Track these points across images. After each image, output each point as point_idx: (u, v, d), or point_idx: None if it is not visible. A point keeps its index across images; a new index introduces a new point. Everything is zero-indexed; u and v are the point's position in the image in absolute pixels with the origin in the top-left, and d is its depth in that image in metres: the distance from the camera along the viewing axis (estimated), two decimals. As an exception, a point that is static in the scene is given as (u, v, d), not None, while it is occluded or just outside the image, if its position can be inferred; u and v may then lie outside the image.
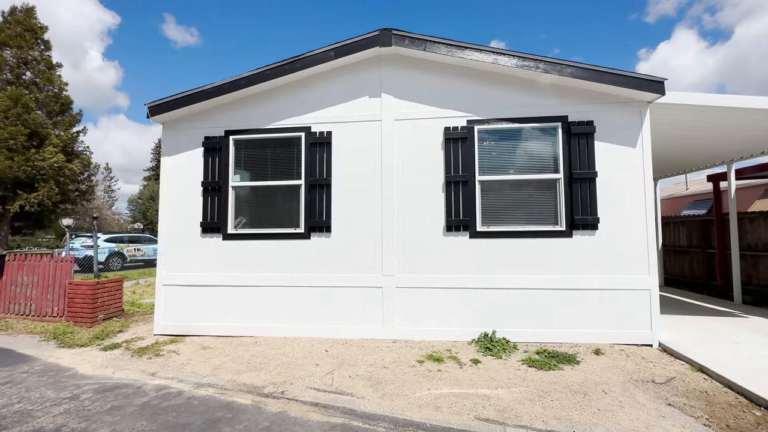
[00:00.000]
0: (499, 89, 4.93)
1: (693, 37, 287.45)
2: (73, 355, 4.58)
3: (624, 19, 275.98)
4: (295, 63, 4.99)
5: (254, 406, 3.17)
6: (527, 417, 2.92)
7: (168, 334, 5.23)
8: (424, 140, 5.01)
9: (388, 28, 4.84)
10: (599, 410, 3.01)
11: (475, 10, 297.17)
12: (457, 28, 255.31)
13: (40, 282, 6.20)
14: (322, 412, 3.05)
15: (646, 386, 3.45)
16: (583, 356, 4.21)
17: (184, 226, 5.33)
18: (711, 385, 3.46)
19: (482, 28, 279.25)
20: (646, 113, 4.66)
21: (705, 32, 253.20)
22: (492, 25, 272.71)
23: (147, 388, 3.57)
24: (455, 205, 4.87)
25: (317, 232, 5.10)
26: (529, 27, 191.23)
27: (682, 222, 9.04)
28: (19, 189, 18.54)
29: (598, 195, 4.69)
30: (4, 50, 19.42)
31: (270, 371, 3.93)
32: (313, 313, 5.03)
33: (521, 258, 4.76)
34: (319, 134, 5.15)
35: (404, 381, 3.62)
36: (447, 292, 4.85)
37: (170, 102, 5.19)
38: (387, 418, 2.93)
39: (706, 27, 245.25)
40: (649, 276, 4.56)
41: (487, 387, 3.45)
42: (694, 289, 8.43)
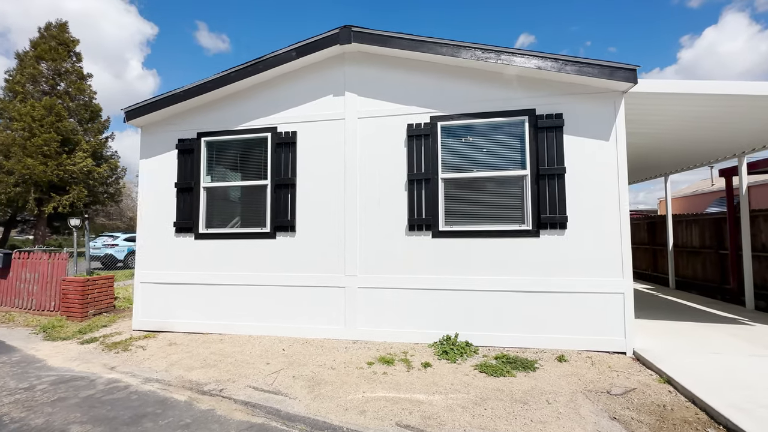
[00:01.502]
0: (464, 83, 4.75)
1: (744, 21, 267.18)
2: (52, 347, 4.85)
3: (665, 3, 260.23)
4: (258, 65, 5.03)
5: (186, 403, 3.22)
6: (450, 426, 2.78)
7: (144, 330, 5.44)
8: (387, 138, 4.91)
9: (348, 26, 4.78)
10: (531, 422, 2.82)
11: (504, 8, 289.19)
12: (487, 21, 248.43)
13: (40, 278, 6.63)
14: (247, 412, 3.05)
15: (597, 397, 3.21)
16: (544, 363, 3.98)
17: (160, 226, 5.51)
18: (673, 399, 3.17)
19: (512, 21, 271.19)
20: (620, 104, 4.34)
21: (758, 15, 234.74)
22: (522, 19, 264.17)
23: (99, 381, 3.72)
24: (417, 204, 4.75)
25: (282, 231, 5.13)
26: (561, 18, 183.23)
27: (694, 220, 8.38)
28: (53, 192, 19.94)
29: (567, 192, 4.41)
30: (41, 63, 20.96)
31: (220, 369, 3.98)
32: (278, 312, 5.07)
33: (486, 258, 4.57)
34: (285, 134, 5.17)
35: (344, 383, 3.56)
36: (409, 293, 4.74)
37: (144, 106, 5.38)
38: (307, 420, 2.89)
39: (759, 9, 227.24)
40: (623, 278, 4.25)
41: (425, 392, 3.33)
42: (707, 292, 7.79)
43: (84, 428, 2.81)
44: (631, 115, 4.98)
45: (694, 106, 4.61)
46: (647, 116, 5.06)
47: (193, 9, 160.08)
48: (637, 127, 5.51)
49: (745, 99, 4.28)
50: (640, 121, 5.29)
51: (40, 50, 20.85)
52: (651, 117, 5.11)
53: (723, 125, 5.33)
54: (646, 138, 6.12)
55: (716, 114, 4.89)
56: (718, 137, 5.97)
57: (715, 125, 5.36)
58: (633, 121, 5.28)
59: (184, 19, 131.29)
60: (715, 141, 6.21)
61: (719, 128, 5.47)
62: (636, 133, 5.84)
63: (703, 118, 5.10)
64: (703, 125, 5.39)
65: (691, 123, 5.31)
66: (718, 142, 6.31)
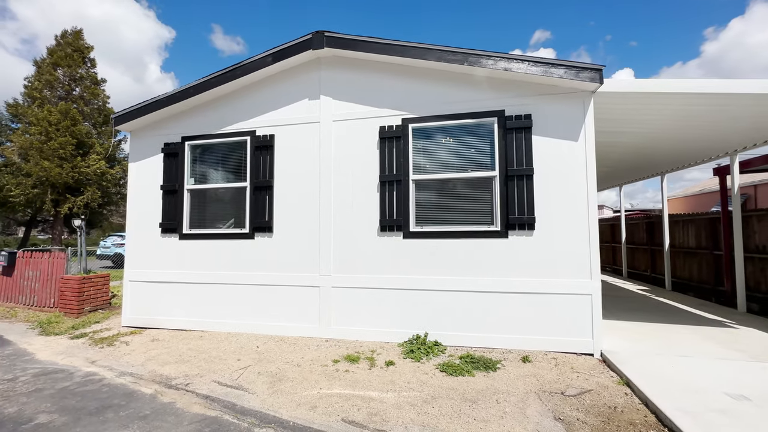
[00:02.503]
0: (435, 85, 4.80)
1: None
2: (45, 342, 5.12)
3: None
4: (236, 70, 5.19)
5: (151, 396, 3.38)
6: (393, 422, 2.86)
7: (132, 326, 5.68)
8: (360, 140, 5.00)
9: (321, 31, 4.89)
10: (474, 420, 2.87)
11: (518, 2, 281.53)
12: (500, 18, 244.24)
13: (41, 276, 6.98)
14: (205, 405, 3.19)
15: (550, 398, 3.22)
16: (508, 363, 4.00)
17: (147, 227, 5.74)
18: (627, 401, 3.17)
19: (527, 18, 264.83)
20: (589, 104, 4.31)
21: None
22: (537, 15, 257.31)
23: (78, 374, 3.93)
24: (389, 206, 4.82)
25: (260, 232, 5.27)
26: (578, 13, 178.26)
27: (690, 220, 8.18)
28: (68, 193, 20.76)
29: (535, 193, 4.41)
30: (57, 70, 21.83)
31: (193, 364, 4.15)
32: (256, 310, 5.22)
33: (456, 259, 4.61)
34: (263, 137, 5.32)
35: (305, 379, 3.67)
36: (382, 293, 4.82)
37: (131, 112, 5.61)
38: (258, 415, 3.01)
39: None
40: (591, 280, 4.23)
41: (380, 390, 3.41)
42: (702, 294, 7.61)
43: (50, 417, 3.00)
44: (614, 115, 4.94)
45: (679, 105, 4.52)
46: (637, 115, 4.97)
47: (209, 12, 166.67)
48: (626, 126, 5.44)
49: (734, 97, 4.17)
50: (630, 120, 5.20)
51: (56, 57, 21.70)
52: (642, 116, 5.01)
53: (713, 124, 5.21)
54: (638, 137, 6.02)
55: (704, 112, 4.77)
56: (709, 136, 5.84)
57: (704, 124, 5.24)
58: (615, 120, 5.23)
59: (199, 22, 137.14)
60: (707, 140, 6.07)
61: (710, 127, 5.35)
62: (626, 132, 5.76)
63: (692, 117, 4.99)
64: (692, 124, 5.27)
65: (682, 122, 5.20)
66: (709, 141, 6.16)
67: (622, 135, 6.01)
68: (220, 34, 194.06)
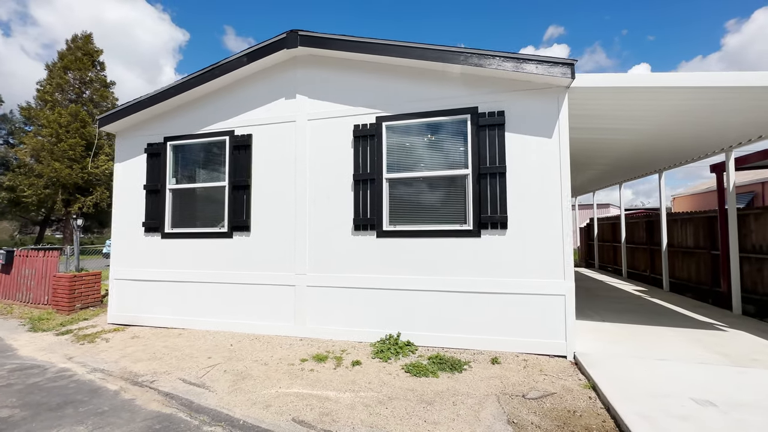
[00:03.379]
0: (409, 83, 4.74)
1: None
2: (30, 338, 5.26)
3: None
4: (215, 70, 5.23)
5: (114, 393, 3.43)
6: (343, 422, 2.83)
7: (117, 323, 5.78)
8: (335, 139, 4.98)
9: (295, 30, 4.88)
10: (424, 422, 2.83)
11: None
12: (518, 11, 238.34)
13: (36, 274, 7.17)
14: (163, 403, 3.22)
15: (509, 401, 3.15)
16: (476, 364, 3.93)
17: (131, 226, 5.84)
18: (588, 405, 3.08)
19: (539, 13, 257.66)
20: (563, 100, 4.20)
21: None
22: (550, 9, 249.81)
23: (51, 370, 4.02)
24: (363, 205, 4.79)
25: (239, 231, 5.31)
26: (593, 7, 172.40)
27: (688, 219, 7.92)
28: (78, 193, 21.36)
29: (508, 191, 4.32)
30: (68, 73, 22.46)
31: (164, 361, 4.20)
32: (234, 309, 5.25)
33: (429, 258, 4.55)
34: (241, 137, 5.34)
35: (268, 378, 3.67)
36: (356, 292, 4.79)
37: (114, 113, 5.72)
38: (212, 413, 3.02)
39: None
40: (564, 280, 4.12)
41: (338, 390, 3.39)
42: (699, 296, 7.37)
43: (12, 412, 3.07)
44: (603, 111, 4.82)
45: (664, 100, 4.35)
46: (627, 111, 4.80)
47: (221, 14, 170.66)
48: (620, 123, 5.28)
49: (726, 91, 3.98)
50: (620, 117, 5.04)
51: (66, 61, 22.32)
52: (633, 112, 4.84)
53: (704, 119, 5.01)
54: (634, 134, 5.83)
55: (695, 107, 4.59)
56: (704, 132, 5.63)
57: (695, 119, 5.05)
58: (606, 117, 5.10)
59: (212, 24, 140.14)
60: (700, 136, 5.86)
61: (703, 122, 5.15)
62: (622, 129, 5.58)
63: (682, 113, 4.81)
64: (685, 119, 5.08)
65: (673, 117, 5.00)
66: (703, 138, 5.94)
67: (618, 132, 5.82)
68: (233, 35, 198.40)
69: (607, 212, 20.21)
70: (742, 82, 3.86)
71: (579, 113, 4.85)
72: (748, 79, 3.85)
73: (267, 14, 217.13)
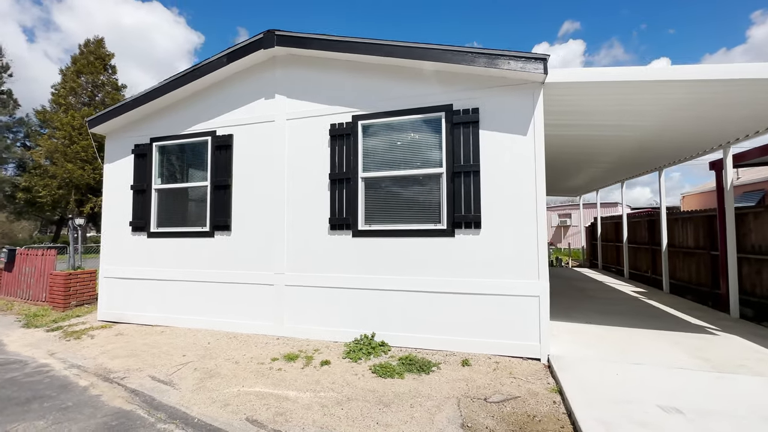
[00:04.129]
0: (385, 81, 4.70)
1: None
2: (21, 334, 5.42)
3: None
4: (195, 72, 5.28)
5: (83, 389, 3.50)
6: (295, 422, 2.82)
7: (107, 320, 5.92)
8: (313, 138, 4.97)
9: (271, 30, 4.90)
10: (376, 424, 2.79)
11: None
12: (532, 6, 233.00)
13: (35, 272, 7.40)
14: (127, 399, 3.27)
15: (469, 404, 3.09)
16: (446, 366, 3.87)
17: (120, 226, 5.96)
18: (550, 410, 2.99)
19: (557, 6, 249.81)
20: (538, 96, 4.09)
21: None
22: (567, 3, 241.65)
23: (31, 365, 4.13)
24: (339, 204, 4.77)
25: (220, 230, 5.36)
26: (610, 1, 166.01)
27: (688, 218, 7.64)
28: (90, 194, 22.00)
29: (482, 190, 4.24)
30: (80, 77, 23.14)
31: (140, 359, 4.27)
32: (216, 307, 5.31)
33: (403, 258, 4.51)
34: (222, 137, 5.39)
35: (235, 377, 3.69)
36: (332, 292, 4.78)
37: (102, 115, 5.85)
38: (170, 410, 3.05)
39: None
40: (539, 280, 4.02)
41: (299, 390, 3.38)
42: (699, 298, 7.11)
43: (-19, 406, 3.16)
44: (590, 107, 4.67)
45: (648, 94, 4.18)
46: (619, 106, 4.64)
47: (234, 16, 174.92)
48: (609, 118, 5.11)
49: (720, 84, 3.80)
50: (615, 112, 4.87)
51: (79, 65, 23.00)
52: (625, 107, 4.66)
53: (699, 115, 4.82)
54: (628, 131, 5.63)
55: (687, 103, 4.40)
56: (700, 128, 5.41)
57: (689, 115, 4.85)
58: (591, 113, 4.95)
59: (226, 26, 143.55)
60: (695, 132, 5.64)
61: (698, 118, 4.94)
62: (613, 125, 5.41)
63: (677, 108, 4.62)
64: (678, 115, 4.89)
65: (669, 113, 4.81)
66: (699, 134, 5.72)
67: (615, 129, 5.64)
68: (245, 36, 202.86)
69: (616, 211, 19.72)
70: (735, 75, 3.66)
71: (568, 109, 4.74)
72: (745, 71, 3.64)
73: (277, 16, 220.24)
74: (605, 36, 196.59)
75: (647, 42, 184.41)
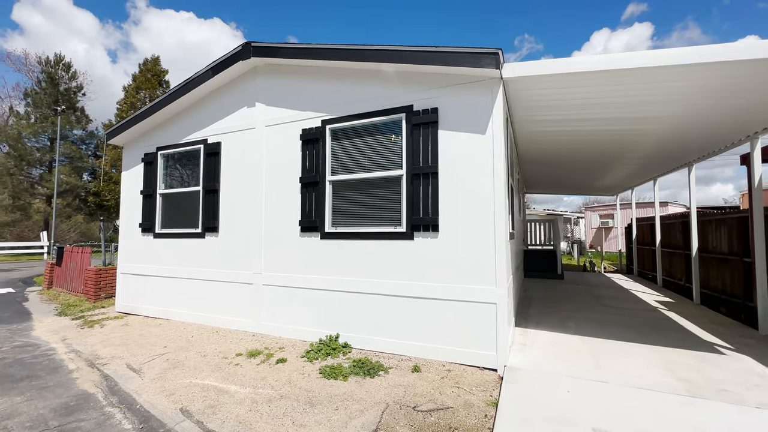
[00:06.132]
0: (350, 85, 4.75)
1: None
2: (51, 321, 6.25)
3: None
4: (188, 85, 5.73)
5: (69, 371, 3.97)
6: (220, 415, 2.97)
7: (123, 312, 6.61)
8: (287, 143, 5.16)
9: (248, 42, 5.16)
10: (292, 423, 2.85)
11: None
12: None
13: (77, 267, 8.45)
14: (95, 383, 3.66)
15: (395, 411, 3.04)
16: (396, 371, 3.82)
17: (134, 227, 6.63)
18: (477, 424, 2.86)
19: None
20: (497, 92, 3.89)
21: None
22: None
23: (42, 348, 4.76)
24: (309, 206, 4.90)
25: (210, 232, 5.75)
26: None
27: (722, 220, 6.71)
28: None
29: (440, 193, 4.12)
30: (139, 93, 25.88)
31: (127, 348, 4.73)
32: (205, 303, 5.70)
33: (367, 261, 4.52)
34: (212, 145, 5.78)
35: (195, 369, 3.96)
36: (303, 292, 4.92)
37: (116, 128, 6.55)
38: (123, 396, 3.36)
39: None
40: (496, 287, 3.82)
41: (243, 385, 3.55)
42: (732, 311, 6.23)
43: (-16, 381, 3.73)
44: (570, 100, 4.35)
45: (660, 82, 3.77)
46: (606, 99, 4.24)
47: (285, 26, 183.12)
48: (617, 111, 4.67)
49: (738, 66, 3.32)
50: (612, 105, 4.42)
51: (138, 82, 25.73)
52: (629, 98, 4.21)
53: (720, 101, 4.19)
54: (659, 123, 5.07)
55: (688, 91, 3.92)
56: (719, 118, 4.75)
57: (711, 103, 4.25)
58: (593, 105, 4.56)
59: (278, 37, 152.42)
60: (715, 123, 4.97)
61: (723, 105, 4.31)
62: (642, 118, 4.89)
63: (677, 101, 4.13)
64: (689, 103, 4.33)
65: (674, 105, 4.31)
66: (721, 124, 5.03)
67: (629, 122, 5.11)
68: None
69: (666, 211, 17.77)
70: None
71: (558, 104, 4.46)
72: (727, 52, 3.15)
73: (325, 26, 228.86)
74: (678, 16, 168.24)
75: (731, 19, 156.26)
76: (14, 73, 49.16)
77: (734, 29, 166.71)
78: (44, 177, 26.77)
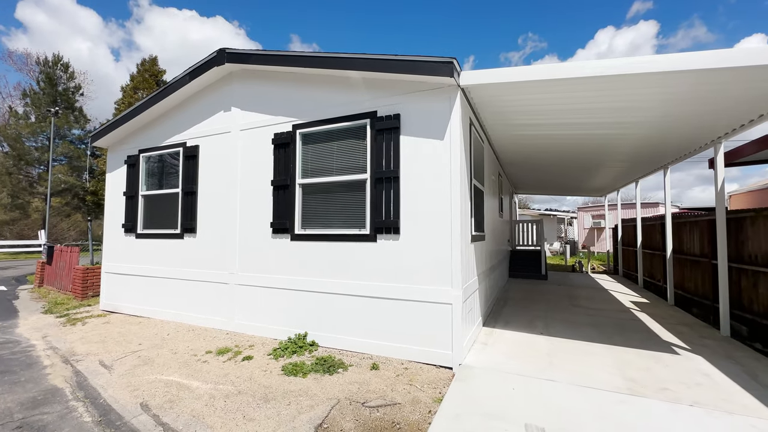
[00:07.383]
0: (320, 91, 4.88)
1: None
2: (37, 319, 6.42)
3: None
4: (167, 89, 5.88)
5: (44, 366, 4.13)
6: (177, 409, 3.12)
7: (106, 310, 6.78)
8: (260, 147, 5.30)
9: (223, 48, 5.30)
10: (243, 417, 3.00)
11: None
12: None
13: (66, 266, 8.63)
14: (66, 378, 3.81)
15: (344, 407, 3.18)
16: (355, 368, 3.96)
17: (117, 228, 6.79)
18: (419, 419, 2.99)
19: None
20: (455, 99, 4.01)
21: None
22: None
23: (22, 345, 4.92)
24: (280, 209, 5.04)
25: (188, 232, 5.90)
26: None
27: (694, 222, 6.82)
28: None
29: (401, 196, 4.26)
30: (137, 92, 26.09)
31: (105, 345, 4.88)
32: (183, 302, 5.86)
33: (333, 262, 4.65)
34: (190, 148, 5.93)
35: (163, 365, 4.11)
36: (275, 292, 5.06)
37: (100, 131, 6.70)
38: (90, 390, 3.52)
39: None
40: (452, 288, 3.95)
41: (205, 381, 3.69)
42: (704, 312, 6.34)
43: (-40, 376, 3.89)
44: (535, 106, 4.44)
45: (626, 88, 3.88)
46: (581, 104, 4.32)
47: (288, 24, 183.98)
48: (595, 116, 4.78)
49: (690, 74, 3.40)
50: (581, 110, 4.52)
51: (136, 82, 25.94)
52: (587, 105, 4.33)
53: (688, 108, 4.29)
54: (635, 128, 5.18)
55: (643, 99, 4.02)
56: (685, 123, 4.86)
57: (682, 109, 4.36)
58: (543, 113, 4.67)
59: (281, 36, 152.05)
60: (689, 126, 5.05)
61: (694, 111, 4.41)
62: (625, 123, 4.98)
63: (635, 109, 4.22)
64: (649, 109, 4.43)
65: (640, 111, 4.41)
66: (694, 127, 5.12)
67: (594, 126, 5.23)
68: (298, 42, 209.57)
69: (657, 211, 17.81)
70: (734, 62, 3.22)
71: (524, 109, 4.55)
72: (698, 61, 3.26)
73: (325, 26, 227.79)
74: (684, 14, 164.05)
75: (737, 17, 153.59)
76: (15, 73, 49.52)
77: (740, 27, 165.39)
78: (43, 176, 27.03)
